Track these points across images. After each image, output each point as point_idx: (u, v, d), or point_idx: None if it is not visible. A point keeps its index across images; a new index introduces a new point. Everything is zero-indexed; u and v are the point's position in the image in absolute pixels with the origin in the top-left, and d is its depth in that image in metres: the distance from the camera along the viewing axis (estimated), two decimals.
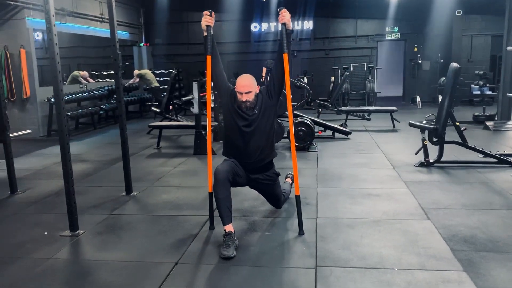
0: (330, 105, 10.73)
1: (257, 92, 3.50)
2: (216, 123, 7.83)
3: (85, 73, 12.09)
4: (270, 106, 3.51)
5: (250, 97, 3.43)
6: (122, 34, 13.19)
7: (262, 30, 14.09)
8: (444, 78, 12.03)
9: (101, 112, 10.44)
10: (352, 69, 13.04)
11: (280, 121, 6.98)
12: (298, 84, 7.47)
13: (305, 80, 12.75)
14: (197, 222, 3.84)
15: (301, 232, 3.52)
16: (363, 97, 13.23)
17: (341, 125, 8.98)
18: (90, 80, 12.08)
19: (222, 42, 13.56)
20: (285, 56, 3.42)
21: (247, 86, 3.42)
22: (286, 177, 4.52)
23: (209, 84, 3.61)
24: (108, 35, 4.63)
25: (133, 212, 4.26)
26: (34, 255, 3.31)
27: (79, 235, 3.67)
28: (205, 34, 3.56)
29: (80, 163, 6.58)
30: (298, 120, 6.97)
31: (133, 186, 4.98)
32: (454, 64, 5.50)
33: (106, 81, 13.02)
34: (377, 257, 3.09)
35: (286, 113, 7.18)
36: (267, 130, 3.51)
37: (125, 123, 4.77)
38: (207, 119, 3.73)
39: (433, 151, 5.67)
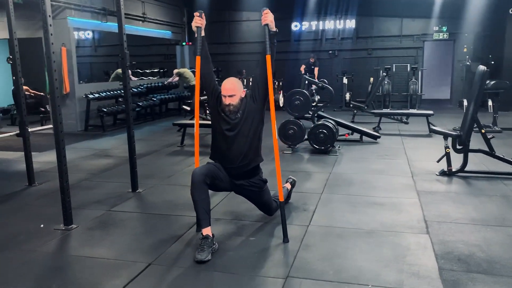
0: (365, 107, 10.40)
1: (242, 96, 3.42)
2: None
3: (129, 72, 12.50)
4: (254, 110, 3.41)
5: (234, 101, 3.35)
6: (165, 33, 13.52)
7: (303, 29, 13.88)
8: (488, 82, 11.26)
9: (137, 109, 10.75)
10: (394, 70, 12.52)
11: (300, 122, 6.82)
12: (321, 85, 7.26)
13: (345, 80, 12.44)
14: (186, 223, 3.82)
15: (285, 239, 3.40)
16: (406, 99, 12.65)
17: (373, 128, 8.68)
18: (133, 78, 12.49)
19: (262, 41, 13.47)
20: (268, 58, 3.32)
21: (230, 90, 3.35)
22: (286, 182, 4.39)
23: (198, 84, 3.57)
24: (150, 34, 4.71)
25: (130, 210, 4.32)
26: (23, 246, 3.44)
27: (71, 229, 3.77)
28: (196, 35, 3.52)
29: (103, 158, 6.80)
30: (319, 122, 6.78)
31: (142, 183, 5.08)
32: (481, 67, 5.11)
33: (149, 78, 13.42)
34: (355, 271, 2.92)
35: (307, 115, 7.05)
36: (251, 135, 3.40)
37: (131, 121, 4.86)
38: (195, 118, 3.69)
39: (460, 160, 5.30)
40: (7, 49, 12.52)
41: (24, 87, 10.72)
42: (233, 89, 3.35)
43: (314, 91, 7.34)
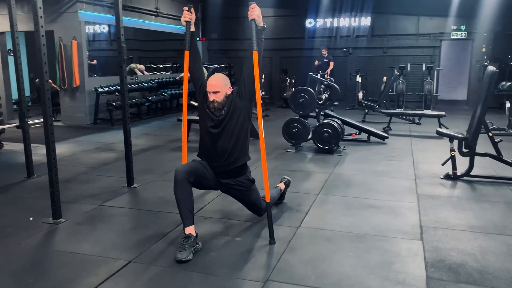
0: (377, 106, 10.19)
1: (228, 93, 3.33)
2: None
3: (142, 67, 12.57)
4: (240, 107, 3.31)
5: (219, 98, 3.27)
6: (178, 28, 13.50)
7: (317, 26, 13.69)
8: (504, 83, 10.95)
9: (147, 104, 10.76)
10: (409, 69, 12.23)
11: (305, 121, 6.70)
12: (327, 83, 7.10)
13: (358, 79, 12.22)
14: (174, 221, 3.74)
15: (272, 241, 3.31)
16: (421, 99, 12.36)
17: (383, 129, 8.49)
18: (146, 72, 12.53)
19: (276, 38, 13.39)
20: (255, 53, 3.24)
21: (215, 86, 3.27)
22: (280, 181, 4.28)
23: (186, 79, 3.49)
24: (163, 29, 4.66)
25: (121, 205, 4.28)
26: (8, 239, 3.43)
27: (59, 223, 3.75)
28: (185, 30, 3.45)
29: (106, 152, 6.81)
30: (324, 121, 6.64)
31: (139, 178, 5.05)
32: (490, 68, 4.91)
33: (162, 73, 13.45)
34: (338, 276, 2.81)
35: (312, 113, 6.92)
36: (236, 133, 3.31)
37: (127, 116, 4.80)
38: (183, 113, 3.61)
39: (466, 163, 5.11)
40: (23, 41, 12.67)
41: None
42: (217, 86, 3.27)
43: (322, 89, 7.20)
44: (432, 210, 4.05)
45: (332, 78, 8.60)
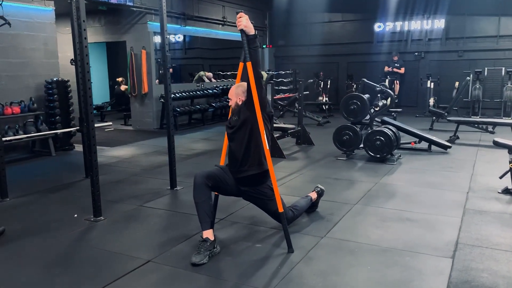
0: (445, 114, 9.59)
1: (239, 103, 3.35)
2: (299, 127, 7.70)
3: (210, 74, 13.04)
4: (249, 117, 3.27)
5: (232, 104, 3.41)
6: None
7: (387, 29, 13.22)
8: None
9: (210, 110, 11.11)
10: (486, 73, 11.34)
11: (356, 128, 6.50)
12: (380, 88, 6.82)
13: (430, 84, 11.60)
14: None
15: (290, 250, 3.26)
16: (500, 106, 11.40)
17: (450, 137, 7.98)
18: (213, 80, 12.96)
19: (343, 43, 13.18)
20: (249, 64, 3.16)
21: (229, 93, 3.44)
22: (313, 190, 4.19)
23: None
24: (230, 37, 4.87)
25: (159, 206, 4.47)
26: (49, 233, 3.74)
27: (99, 221, 4.02)
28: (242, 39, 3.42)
29: (162, 155, 7.10)
30: (376, 129, 6.39)
31: (184, 181, 5.23)
32: None
33: (229, 80, 13.82)
34: None
35: (364, 120, 6.70)
36: (245, 142, 3.29)
37: (171, 122, 5.05)
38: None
39: None
40: (102, 51, 13.68)
41: (124, 87, 11.72)
42: (230, 93, 3.43)
43: (379, 95, 6.93)
44: (475, 226, 3.74)
45: (386, 84, 8.26)
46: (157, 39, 10.70)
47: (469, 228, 3.70)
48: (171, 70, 12.50)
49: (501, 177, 4.80)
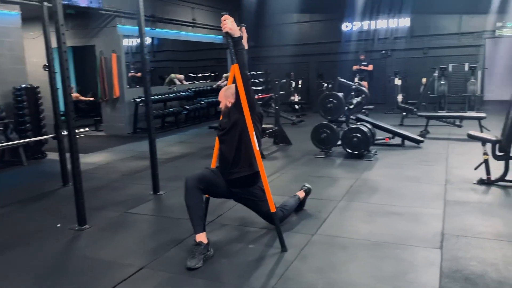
0: (415, 109, 9.88)
1: (228, 105, 3.37)
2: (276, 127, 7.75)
3: (181, 76, 12.91)
4: (238, 119, 3.28)
5: (221, 106, 3.43)
6: (215, 38, 13.73)
7: (354, 29, 13.49)
8: None
9: (184, 112, 11.02)
10: (450, 69, 11.76)
11: (333, 126, 6.61)
12: (355, 86, 6.97)
13: (398, 81, 11.91)
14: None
15: (283, 249, 3.29)
16: (465, 100, 11.83)
17: (421, 132, 8.22)
18: (185, 82, 12.84)
19: (312, 43, 13.34)
20: (235, 67, 3.17)
21: (219, 96, 3.47)
22: (300, 189, 4.24)
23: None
24: (200, 39, 4.83)
25: (145, 212, 4.41)
26: (35, 243, 3.63)
27: (84, 229, 3.92)
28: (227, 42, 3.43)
29: (140, 160, 7.03)
30: (353, 126, 6.52)
31: (166, 185, 5.19)
32: None
33: (201, 82, 13.74)
34: (345, 286, 2.75)
35: (340, 118, 6.82)
36: (235, 144, 3.31)
37: (152, 125, 5.00)
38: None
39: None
40: (68, 56, 13.33)
41: (75, 95, 11.38)
42: (220, 96, 3.46)
43: (353, 93, 7.08)
44: (458, 217, 3.88)
45: (360, 82, 8.44)
46: (126, 42, 10.52)
47: (452, 219, 3.83)
48: (139, 74, 12.42)
49: (475, 169, 4.99)
